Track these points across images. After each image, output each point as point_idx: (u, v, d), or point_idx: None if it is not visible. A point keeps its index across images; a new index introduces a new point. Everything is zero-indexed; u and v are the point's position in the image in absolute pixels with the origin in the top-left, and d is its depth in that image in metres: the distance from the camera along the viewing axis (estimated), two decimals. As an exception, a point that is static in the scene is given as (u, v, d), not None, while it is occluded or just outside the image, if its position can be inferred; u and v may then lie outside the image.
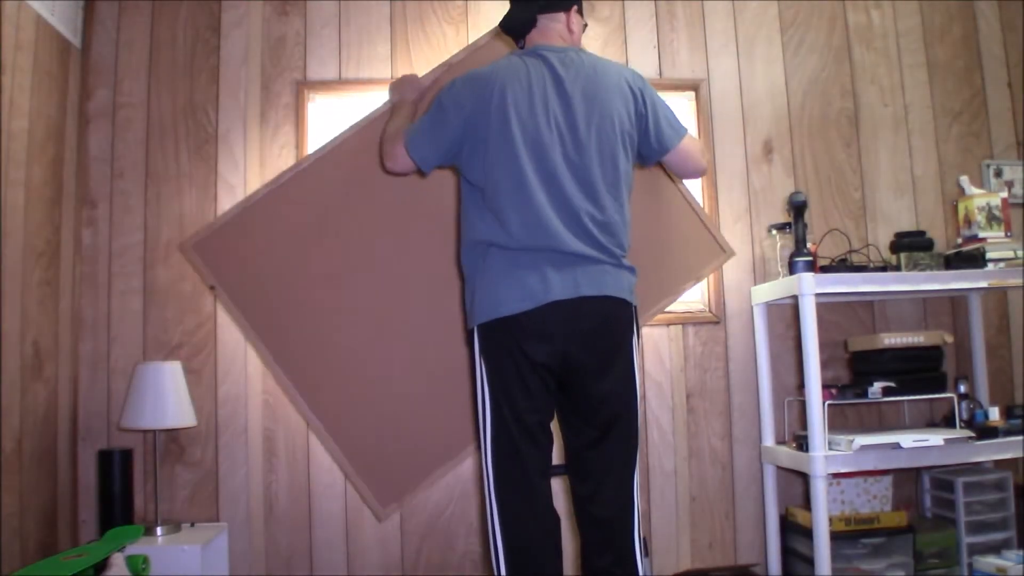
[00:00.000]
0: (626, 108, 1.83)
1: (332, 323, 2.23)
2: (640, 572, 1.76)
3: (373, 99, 2.61)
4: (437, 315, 2.27)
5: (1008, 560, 2.26)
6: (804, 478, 2.49)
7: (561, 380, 1.78)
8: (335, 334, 2.23)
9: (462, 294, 2.04)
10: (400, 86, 2.20)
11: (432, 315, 2.27)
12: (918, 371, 2.39)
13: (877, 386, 2.30)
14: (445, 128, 1.86)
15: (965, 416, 2.41)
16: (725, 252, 2.36)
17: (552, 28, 1.89)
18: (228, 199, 2.51)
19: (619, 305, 1.77)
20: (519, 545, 1.73)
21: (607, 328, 1.75)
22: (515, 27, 1.92)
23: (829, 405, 2.31)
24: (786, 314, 2.66)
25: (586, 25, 1.99)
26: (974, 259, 2.38)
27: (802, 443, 2.29)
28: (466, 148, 1.85)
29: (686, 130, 1.95)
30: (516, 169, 1.76)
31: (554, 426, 1.83)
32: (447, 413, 2.22)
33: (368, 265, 2.26)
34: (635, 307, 1.83)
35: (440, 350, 2.25)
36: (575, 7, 1.93)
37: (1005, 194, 2.46)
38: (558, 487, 2.35)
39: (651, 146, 1.90)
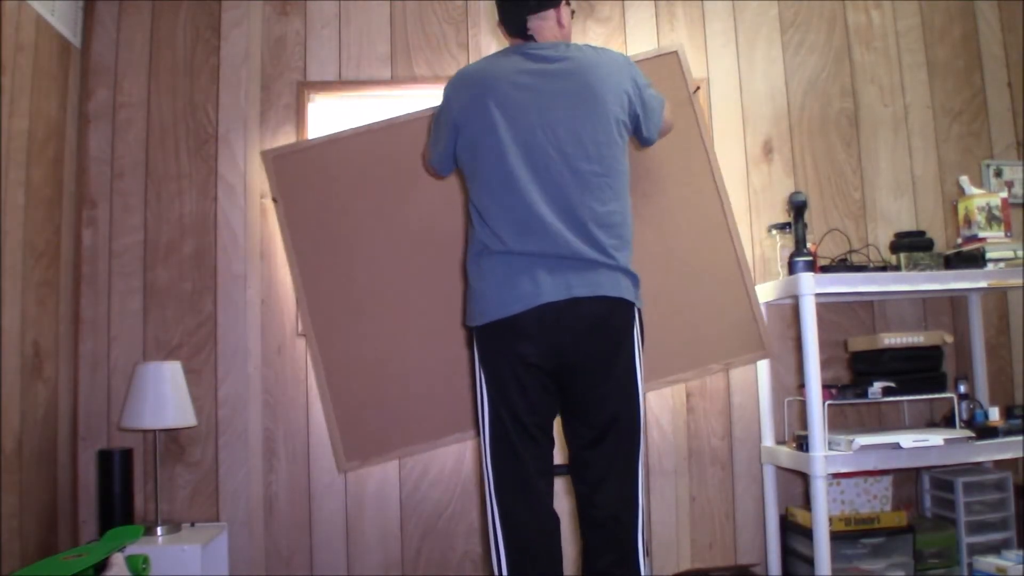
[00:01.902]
0: (618, 100, 1.82)
1: (367, 278, 2.33)
2: (643, 574, 1.76)
3: (373, 99, 2.63)
4: (460, 307, 2.31)
5: (1008, 560, 2.26)
6: (804, 478, 2.49)
7: (559, 381, 1.78)
8: (366, 288, 2.32)
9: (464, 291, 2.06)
10: None
11: (458, 305, 2.32)
12: (918, 371, 2.39)
13: (877, 386, 2.30)
14: (440, 131, 1.90)
15: (965, 416, 2.41)
16: (765, 350, 2.32)
17: (543, 27, 1.88)
18: (228, 199, 2.52)
19: (616, 304, 1.75)
20: (519, 545, 1.73)
21: (602, 328, 1.74)
22: (508, 29, 1.92)
23: (829, 405, 2.31)
24: (786, 314, 2.66)
25: (574, 12, 1.97)
26: (974, 259, 2.38)
27: (802, 443, 2.28)
28: (459, 150, 1.86)
29: (663, 104, 1.97)
30: (504, 171, 1.75)
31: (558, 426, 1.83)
32: (442, 398, 2.28)
33: (418, 239, 2.35)
34: (637, 307, 1.81)
35: (455, 339, 2.31)
36: (564, 1, 1.91)
37: (1005, 194, 2.45)
38: (560, 488, 2.35)
39: (639, 137, 1.95)
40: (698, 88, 2.46)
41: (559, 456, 1.87)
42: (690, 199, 2.40)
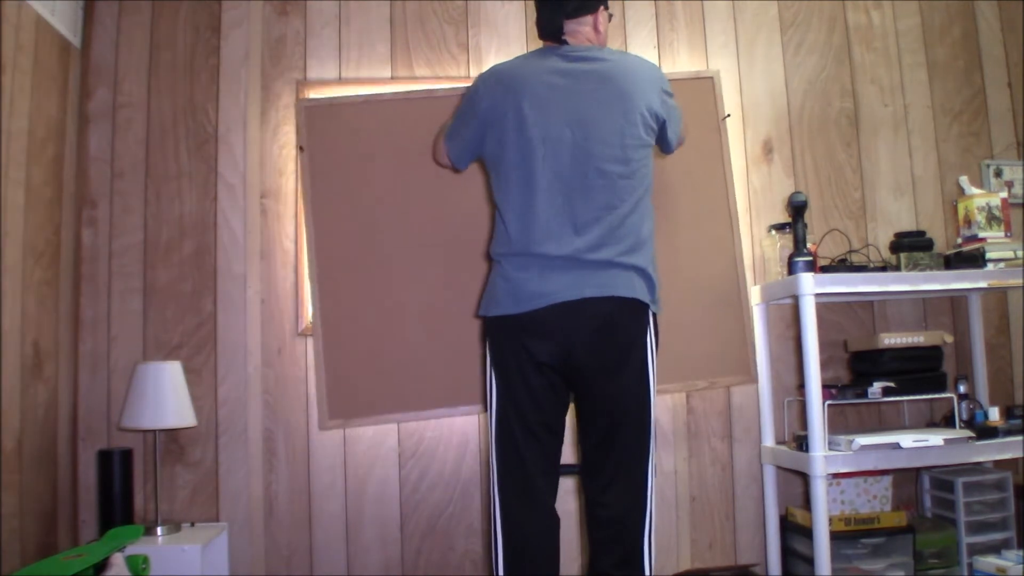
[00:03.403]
0: (648, 105, 1.83)
1: (377, 241, 2.40)
2: None
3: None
4: (467, 289, 2.39)
5: (1008, 560, 2.26)
6: (804, 478, 2.49)
7: (568, 380, 1.78)
8: (375, 251, 2.39)
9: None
10: None
11: (464, 287, 2.39)
12: (918, 371, 2.39)
13: (877, 386, 2.30)
14: (468, 125, 1.91)
15: (965, 416, 2.41)
16: (751, 376, 2.45)
17: (579, 31, 1.89)
18: (228, 199, 2.52)
19: (628, 305, 1.75)
20: (517, 541, 1.75)
21: (613, 329, 1.74)
22: (543, 33, 1.92)
23: (829, 405, 2.31)
24: (786, 314, 2.66)
25: (611, 15, 1.98)
26: (974, 259, 2.38)
27: (802, 443, 2.29)
28: (486, 147, 1.88)
29: (681, 115, 2.01)
30: (528, 170, 1.77)
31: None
32: (434, 370, 2.35)
33: (433, 212, 2.42)
34: (652, 310, 1.80)
35: (455, 316, 2.38)
36: (602, 6, 1.91)
37: (1005, 194, 2.46)
38: (566, 488, 2.35)
39: (663, 143, 1.98)
40: (728, 115, 2.54)
41: (570, 456, 1.87)
42: (703, 220, 2.50)
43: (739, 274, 2.48)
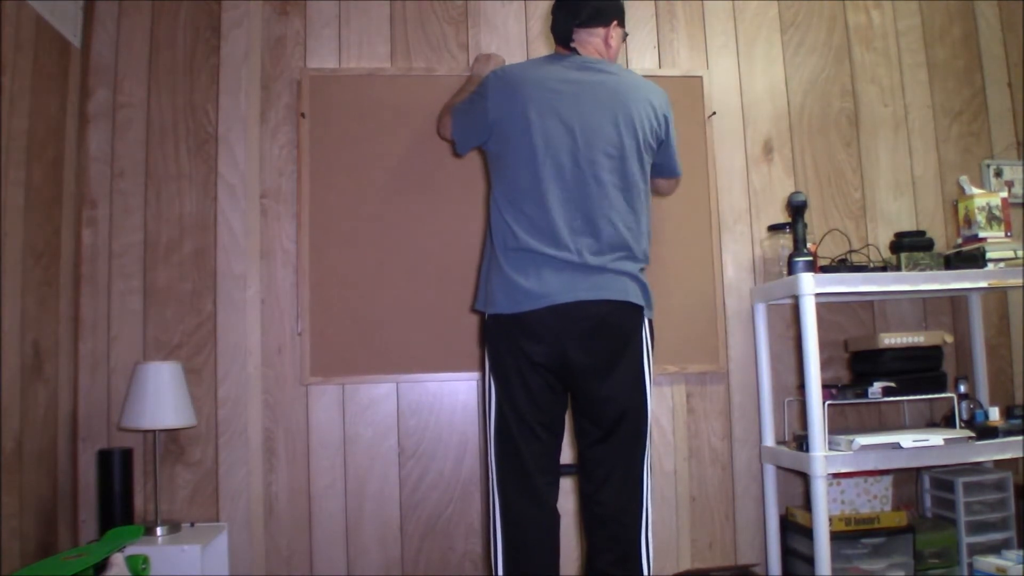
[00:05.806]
0: (649, 124, 1.87)
1: (369, 209, 2.50)
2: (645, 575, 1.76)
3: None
4: (455, 260, 2.50)
5: (1008, 560, 2.26)
6: (804, 478, 2.49)
7: (564, 380, 1.79)
8: (366, 218, 2.50)
9: (478, 274, 2.16)
10: (482, 61, 2.34)
11: (451, 258, 2.50)
12: (918, 371, 2.39)
13: (877, 386, 2.30)
14: (475, 118, 1.94)
15: (965, 416, 2.41)
16: (719, 365, 2.57)
17: (589, 41, 1.94)
18: (228, 199, 2.52)
19: (622, 307, 1.77)
20: (516, 539, 1.76)
21: (607, 331, 1.75)
22: (556, 37, 1.98)
23: (829, 405, 2.31)
24: (786, 314, 2.67)
25: (627, 34, 2.02)
26: (974, 259, 2.38)
27: (802, 443, 2.29)
28: (489, 144, 1.91)
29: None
30: (529, 172, 1.79)
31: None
32: (414, 337, 2.46)
33: (427, 189, 2.53)
34: (644, 309, 1.81)
35: (438, 288, 2.48)
36: (615, 21, 1.96)
37: (1005, 194, 2.46)
38: (565, 486, 2.35)
39: (661, 161, 1.99)
40: (713, 113, 2.63)
41: (568, 456, 1.87)
42: (686, 214, 2.59)
43: (715, 271, 2.57)
